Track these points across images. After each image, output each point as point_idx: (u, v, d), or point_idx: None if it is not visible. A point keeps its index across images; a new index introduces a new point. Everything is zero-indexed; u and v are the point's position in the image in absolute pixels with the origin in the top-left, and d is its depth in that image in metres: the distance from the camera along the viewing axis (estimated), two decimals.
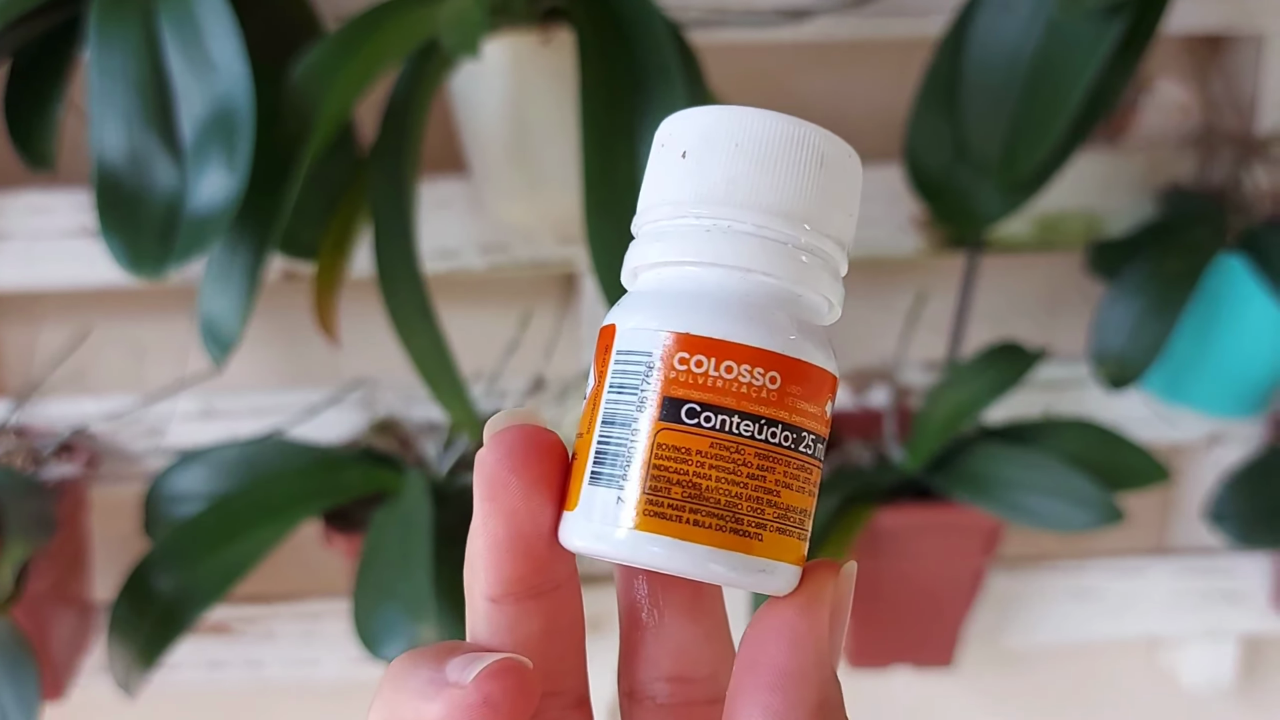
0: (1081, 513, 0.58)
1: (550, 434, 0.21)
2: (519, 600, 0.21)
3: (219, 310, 0.49)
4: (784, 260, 0.21)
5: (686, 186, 0.22)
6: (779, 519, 0.21)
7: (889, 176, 0.64)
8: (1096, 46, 0.52)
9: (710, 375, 0.21)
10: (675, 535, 0.20)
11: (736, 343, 0.21)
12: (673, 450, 0.20)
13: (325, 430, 0.68)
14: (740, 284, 0.21)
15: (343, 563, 0.64)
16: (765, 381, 0.21)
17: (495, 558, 0.21)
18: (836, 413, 0.70)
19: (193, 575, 0.57)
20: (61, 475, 0.65)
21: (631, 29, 0.47)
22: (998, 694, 0.82)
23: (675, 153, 0.22)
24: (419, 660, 0.20)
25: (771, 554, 0.21)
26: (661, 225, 0.22)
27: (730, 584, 0.21)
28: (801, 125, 0.22)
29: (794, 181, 0.21)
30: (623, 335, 0.22)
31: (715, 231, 0.21)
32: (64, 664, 0.66)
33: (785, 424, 0.21)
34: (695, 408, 0.21)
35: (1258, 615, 0.74)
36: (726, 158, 0.22)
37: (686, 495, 0.20)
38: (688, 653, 0.23)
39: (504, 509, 0.21)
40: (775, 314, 0.21)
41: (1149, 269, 0.62)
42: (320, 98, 0.48)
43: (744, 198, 0.21)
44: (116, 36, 0.48)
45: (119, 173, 0.47)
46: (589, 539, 0.21)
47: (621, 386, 0.21)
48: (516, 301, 0.70)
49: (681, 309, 0.21)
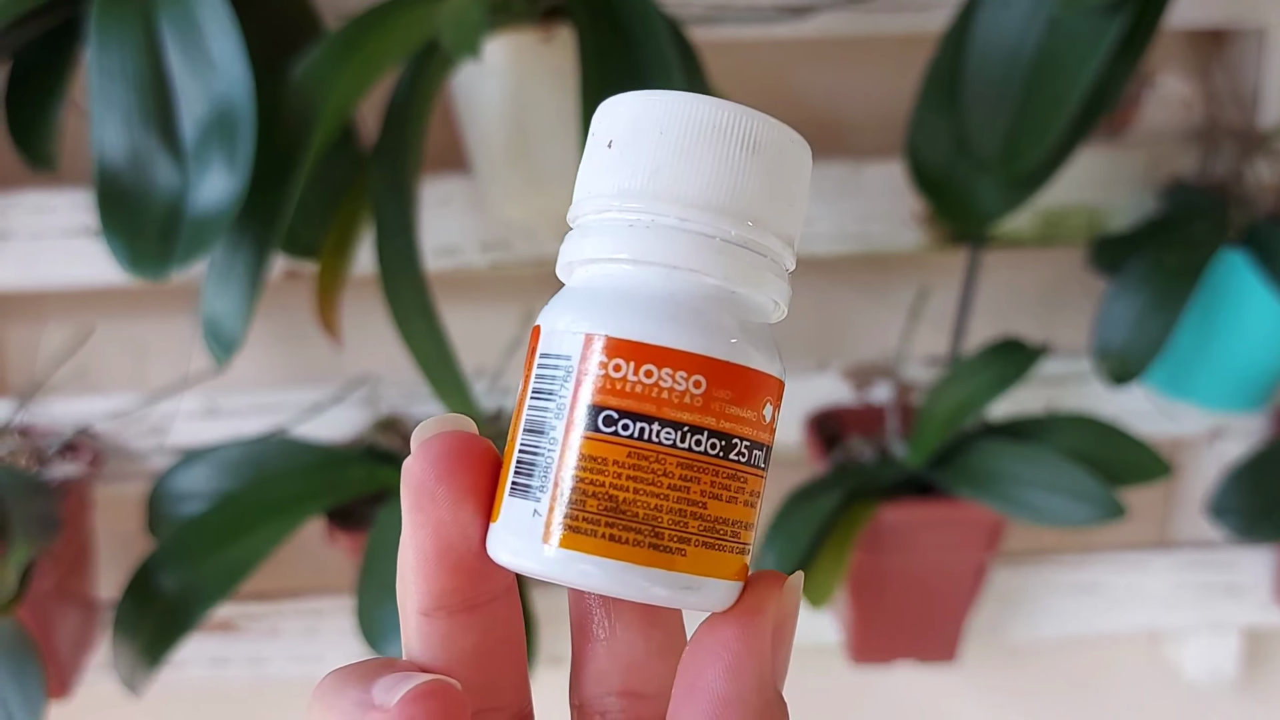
0: (1083, 508, 0.58)
1: (481, 441, 0.20)
2: (452, 614, 0.21)
3: (221, 310, 0.49)
4: (714, 255, 0.20)
5: (610, 178, 0.20)
6: (705, 532, 0.20)
7: (891, 172, 0.64)
8: (1098, 42, 0.52)
9: (629, 380, 0.19)
10: (593, 551, 0.19)
11: (657, 345, 0.19)
12: (589, 460, 0.19)
13: (328, 428, 0.68)
14: (665, 282, 0.20)
15: (346, 560, 0.64)
16: (689, 386, 0.19)
17: (424, 571, 0.20)
18: (840, 409, 0.71)
19: (197, 574, 0.57)
20: (65, 475, 0.65)
21: (631, 26, 0.47)
22: (1001, 689, 0.82)
23: (603, 142, 0.21)
24: (347, 679, 0.19)
25: (697, 570, 0.19)
26: (589, 219, 0.21)
27: (659, 602, 0.20)
28: (731, 109, 0.20)
29: (722, 170, 0.20)
30: (546, 337, 0.20)
31: (638, 227, 0.20)
32: (69, 662, 0.66)
33: (712, 430, 0.20)
34: (613, 414, 0.19)
35: (1260, 608, 0.74)
36: (650, 147, 0.20)
37: (603, 508, 0.19)
38: (639, 667, 0.22)
39: (431, 520, 0.20)
40: (704, 314, 0.20)
41: (1150, 264, 0.62)
42: (321, 97, 0.48)
43: (667, 189, 0.20)
44: (116, 36, 0.48)
45: (120, 173, 0.47)
46: (510, 554, 0.20)
47: (543, 392, 0.20)
48: (518, 299, 0.70)
49: (602, 309, 0.20)
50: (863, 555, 0.64)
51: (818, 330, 0.74)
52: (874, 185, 0.66)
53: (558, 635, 0.67)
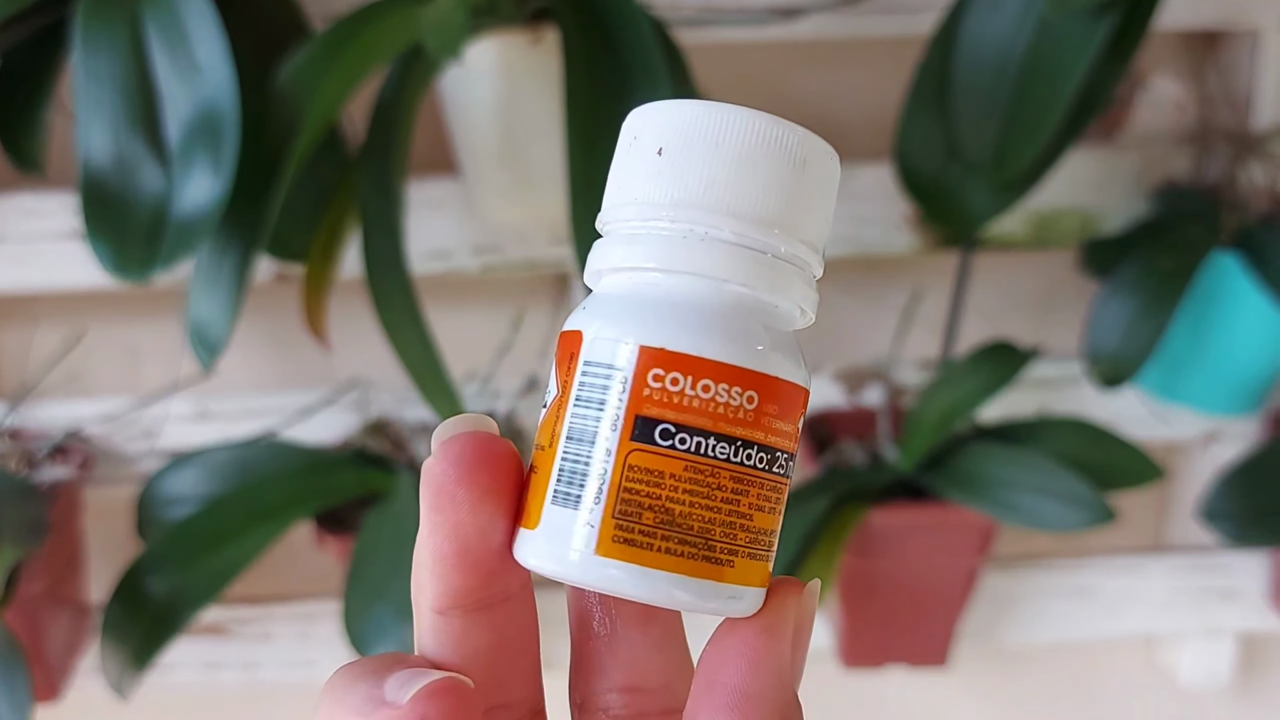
0: (1074, 512, 0.57)
1: (503, 442, 0.20)
2: (466, 613, 0.21)
3: (207, 314, 0.49)
4: (760, 270, 0.20)
5: (661, 187, 0.20)
6: (751, 543, 0.20)
7: (883, 175, 0.64)
8: (1086, 45, 0.52)
9: (686, 394, 0.19)
10: (644, 563, 0.19)
11: (713, 360, 0.19)
12: (644, 473, 0.19)
13: (319, 431, 0.68)
14: (716, 295, 0.20)
15: (338, 564, 0.64)
16: (743, 401, 0.20)
17: (441, 571, 0.20)
18: (831, 412, 0.71)
19: (185, 578, 0.57)
20: (56, 478, 0.65)
21: (616, 28, 0.47)
22: (993, 693, 0.82)
23: (649, 148, 0.21)
24: (359, 674, 0.19)
25: (741, 580, 0.20)
26: (633, 226, 0.21)
27: (694, 610, 0.20)
28: (783, 126, 0.20)
29: (775, 186, 0.20)
30: (590, 344, 0.20)
31: (692, 238, 0.20)
32: (59, 665, 0.66)
33: (761, 445, 0.20)
34: (670, 428, 0.19)
35: (1255, 613, 0.74)
36: (704, 158, 0.20)
37: (659, 521, 0.19)
38: (641, 663, 0.22)
39: (450, 521, 0.20)
40: (750, 327, 0.20)
41: (1142, 267, 0.62)
42: (306, 100, 0.48)
43: (722, 202, 0.20)
44: (102, 40, 0.48)
45: (105, 176, 0.47)
46: (550, 561, 0.20)
47: (588, 400, 0.20)
48: (509, 302, 0.69)
49: (655, 320, 0.20)
50: (854, 559, 0.63)
51: (810, 333, 0.74)
52: (866, 188, 0.66)
53: (554, 639, 0.67)
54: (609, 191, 0.22)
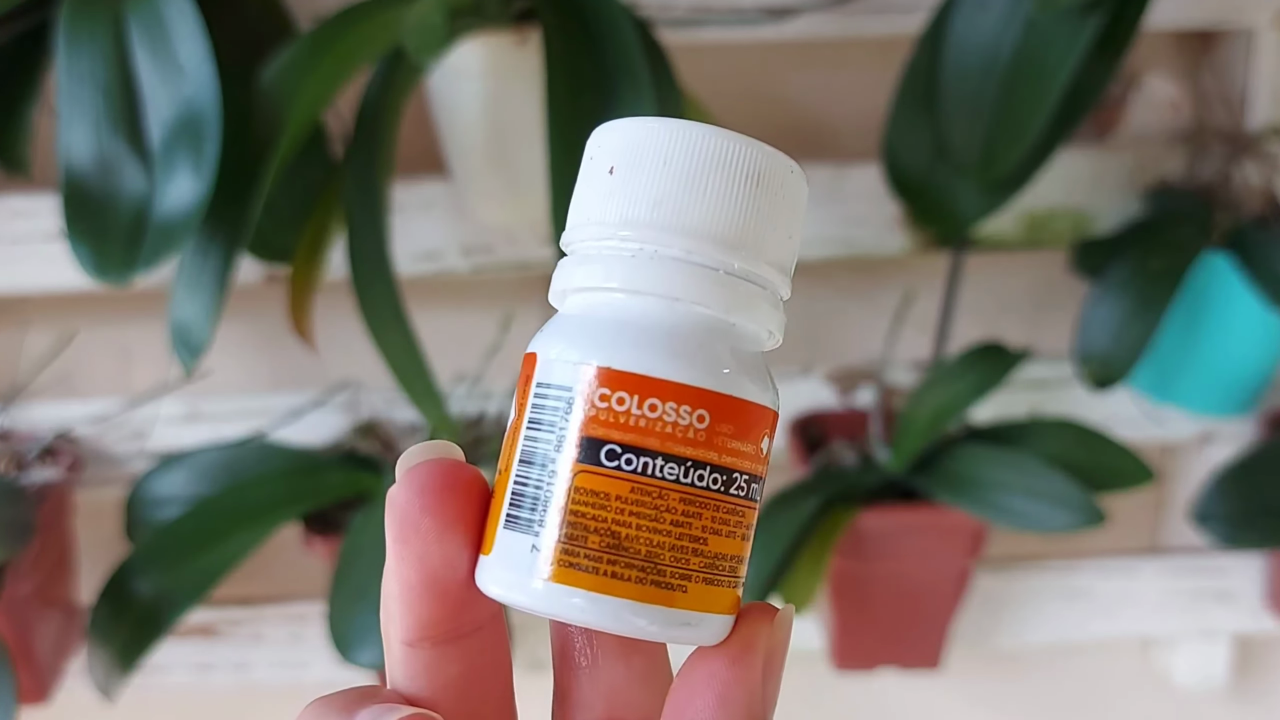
0: (1064, 514, 0.57)
1: (469, 469, 0.20)
2: (436, 644, 0.20)
3: (189, 315, 0.48)
4: (715, 288, 0.20)
5: (612, 206, 0.20)
6: (706, 568, 0.20)
7: (874, 176, 0.64)
8: (1073, 44, 0.51)
9: (633, 414, 0.19)
10: (592, 588, 0.19)
11: (661, 378, 0.19)
12: (591, 495, 0.19)
13: (309, 433, 0.68)
14: (667, 314, 0.20)
15: (328, 566, 0.64)
16: (692, 420, 0.19)
17: (409, 602, 0.20)
18: (822, 412, 0.70)
19: (171, 579, 0.57)
20: (45, 479, 0.65)
21: (598, 29, 0.47)
22: (987, 695, 0.81)
23: (603, 167, 0.21)
24: (329, 710, 0.19)
25: (697, 606, 0.19)
26: (590, 246, 0.21)
27: (653, 638, 0.20)
28: (736, 140, 0.20)
29: (727, 202, 0.20)
30: (543, 366, 0.20)
31: (641, 257, 0.20)
32: (49, 667, 0.66)
33: (714, 465, 0.19)
34: (615, 449, 0.19)
35: (1250, 615, 0.74)
36: (654, 176, 0.20)
37: (605, 545, 0.19)
38: (622, 694, 0.22)
39: (416, 552, 0.20)
40: (706, 346, 0.20)
41: (1132, 268, 0.62)
42: (290, 100, 0.48)
43: (671, 220, 0.20)
44: (85, 40, 0.47)
45: (86, 177, 0.47)
46: (504, 587, 0.20)
47: (540, 423, 0.20)
48: (499, 303, 0.69)
49: (604, 340, 0.20)
50: (845, 561, 0.63)
51: (802, 334, 0.74)
52: (857, 189, 0.66)
53: (538, 641, 0.67)
54: (571, 211, 0.22)
